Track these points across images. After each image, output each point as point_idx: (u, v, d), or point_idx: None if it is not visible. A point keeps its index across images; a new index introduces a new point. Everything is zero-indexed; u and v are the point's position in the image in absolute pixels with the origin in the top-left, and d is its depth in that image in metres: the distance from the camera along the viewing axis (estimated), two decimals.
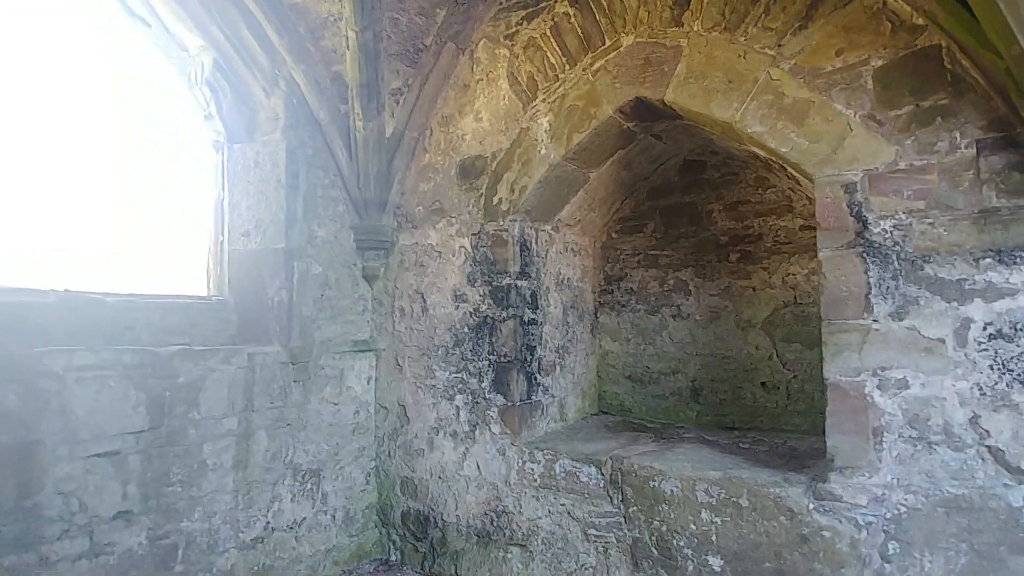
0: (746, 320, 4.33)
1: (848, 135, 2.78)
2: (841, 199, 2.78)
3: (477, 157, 4.11)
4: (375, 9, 3.73)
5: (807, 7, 2.90)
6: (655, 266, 4.74)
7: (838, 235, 2.78)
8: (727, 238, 4.42)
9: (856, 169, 2.75)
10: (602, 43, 3.54)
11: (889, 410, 2.63)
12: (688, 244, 4.58)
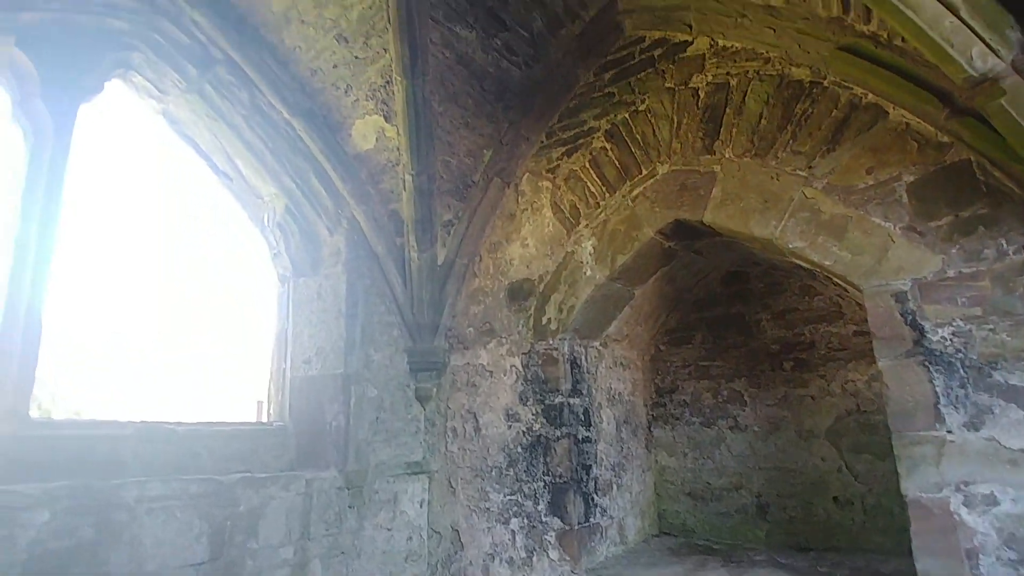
0: (808, 430, 4.19)
1: (890, 246, 2.85)
2: (893, 308, 2.80)
3: (525, 280, 4.32)
4: (429, 155, 4.15)
5: (832, 132, 3.11)
6: (707, 377, 4.70)
7: (895, 344, 2.77)
8: (778, 347, 4.39)
9: (904, 279, 2.79)
10: (639, 172, 3.82)
11: (981, 529, 2.46)
12: (738, 354, 4.56)
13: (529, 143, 4.41)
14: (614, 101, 4.02)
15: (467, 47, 3.91)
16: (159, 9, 3.88)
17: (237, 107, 4.28)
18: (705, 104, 3.56)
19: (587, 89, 4.18)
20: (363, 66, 4.00)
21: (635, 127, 3.87)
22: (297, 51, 4.06)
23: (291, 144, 4.42)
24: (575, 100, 4.23)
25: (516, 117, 4.35)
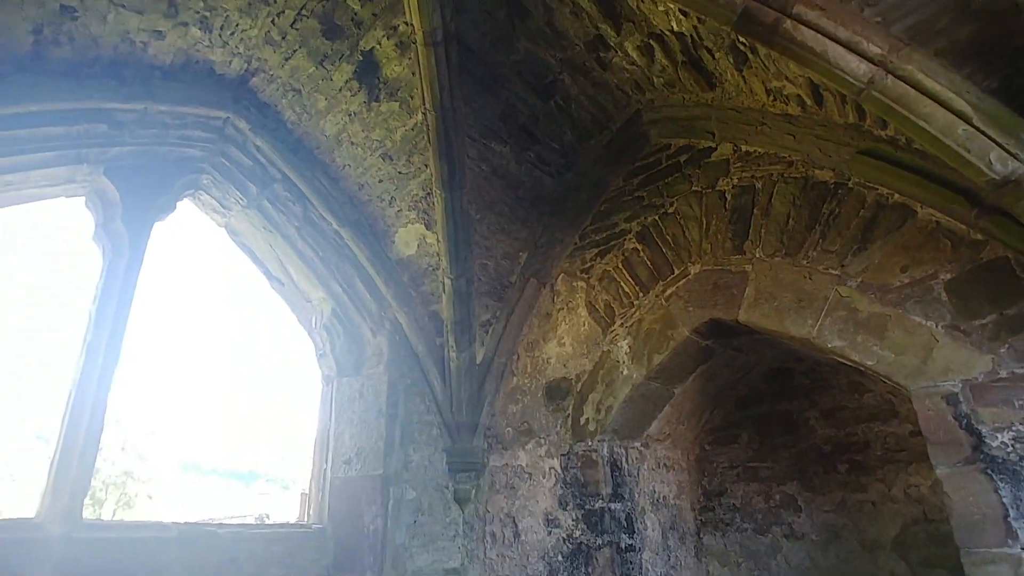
0: (872, 540, 3.88)
1: (934, 346, 2.77)
2: (945, 411, 2.68)
3: (562, 379, 4.33)
4: (467, 259, 4.35)
5: (862, 231, 3.12)
6: (756, 479, 4.47)
7: (952, 450, 2.62)
8: (830, 447, 4.18)
9: (953, 379, 2.69)
10: (671, 272, 3.88)
11: None
12: (788, 455, 4.35)
13: (563, 245, 4.57)
14: (644, 204, 4.17)
15: (502, 160, 4.19)
16: (227, 138, 4.34)
17: (291, 219, 4.63)
18: (733, 206, 3.66)
19: (617, 193, 4.36)
20: (406, 180, 4.32)
21: (665, 229, 3.98)
22: (346, 168, 4.43)
23: (339, 251, 4.71)
24: (606, 204, 4.41)
25: (550, 221, 4.54)
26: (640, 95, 3.97)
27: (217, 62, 3.91)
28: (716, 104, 3.66)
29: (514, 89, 3.92)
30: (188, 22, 3.55)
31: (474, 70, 3.74)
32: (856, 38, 2.45)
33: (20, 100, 3.44)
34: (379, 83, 3.90)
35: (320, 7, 3.54)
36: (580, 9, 3.38)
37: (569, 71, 3.85)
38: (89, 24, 3.34)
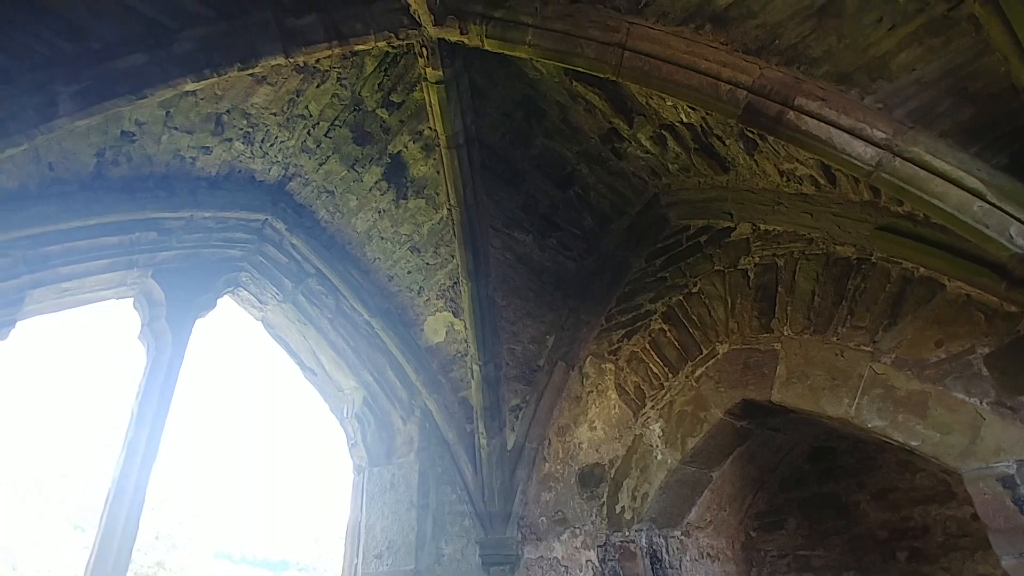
0: None
1: (981, 424, 2.65)
2: (1002, 495, 2.52)
3: (595, 465, 4.22)
4: (494, 345, 4.40)
5: (890, 306, 3.08)
6: (809, 569, 4.19)
7: (1016, 538, 2.45)
8: (886, 533, 3.92)
9: (1007, 460, 2.55)
10: (699, 352, 3.85)
11: None
12: (840, 541, 4.09)
13: (589, 327, 4.59)
14: (667, 285, 4.21)
15: (525, 248, 4.32)
16: (265, 238, 4.60)
17: (324, 312, 4.80)
18: (756, 284, 3.67)
19: (640, 275, 4.42)
20: (433, 271, 4.47)
21: (690, 309, 3.99)
22: (377, 262, 4.62)
23: (370, 341, 4.82)
24: (630, 286, 4.46)
25: (575, 304, 4.60)
26: (656, 180, 4.10)
27: (257, 170, 4.22)
28: (731, 186, 3.75)
29: (534, 181, 4.10)
30: (232, 138, 3.87)
31: (495, 166, 3.95)
32: (860, 124, 2.54)
33: (81, 215, 3.75)
34: (406, 182, 4.13)
35: (351, 117, 3.84)
36: (593, 107, 3.59)
37: (586, 162, 4.02)
38: (145, 145, 3.67)
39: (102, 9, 2.84)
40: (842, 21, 2.54)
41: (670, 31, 2.77)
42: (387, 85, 3.62)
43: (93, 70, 2.92)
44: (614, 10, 2.83)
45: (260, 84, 3.45)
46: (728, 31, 2.74)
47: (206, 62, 2.99)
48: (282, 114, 3.75)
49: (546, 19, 2.84)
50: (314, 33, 2.97)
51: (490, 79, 3.52)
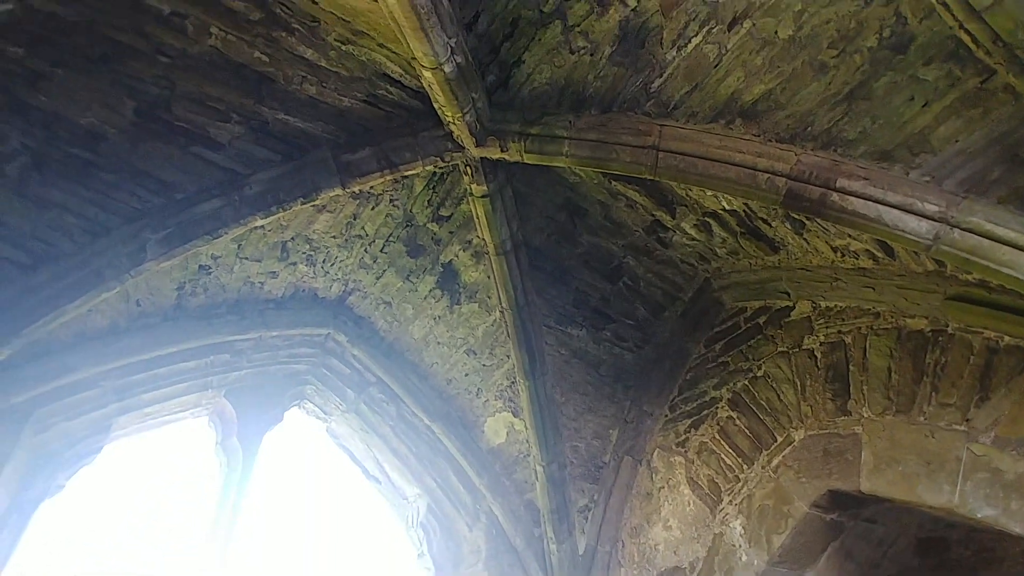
0: None
1: None
2: None
3: (675, 569, 3.94)
4: (557, 444, 4.31)
5: (979, 380, 2.87)
6: None
7: None
8: None
9: None
10: (773, 440, 3.65)
11: None
12: None
13: (653, 418, 4.45)
14: (730, 370, 4.07)
15: (580, 343, 4.32)
16: (328, 351, 4.79)
17: (386, 419, 4.86)
18: (825, 364, 3.51)
19: (701, 361, 4.31)
20: (490, 371, 4.51)
21: (758, 394, 3.83)
22: (434, 366, 4.70)
23: (431, 446, 4.82)
24: (691, 373, 4.35)
25: (636, 395, 4.49)
26: (706, 265, 4.09)
27: (319, 288, 4.48)
28: (784, 265, 3.69)
29: (583, 277, 4.17)
30: (296, 261, 4.16)
31: (543, 266, 4.05)
32: (909, 199, 2.50)
33: (163, 344, 4.04)
34: (459, 288, 4.28)
35: (404, 233, 4.07)
36: (634, 202, 3.68)
37: (632, 254, 4.08)
38: (219, 276, 3.99)
39: (187, 166, 3.22)
40: (872, 103, 2.58)
41: (701, 129, 2.87)
42: (436, 201, 3.85)
43: (177, 217, 3.27)
44: (645, 115, 2.97)
45: (320, 212, 3.74)
46: (759, 123, 2.81)
47: (273, 200, 3.30)
48: (341, 236, 4.02)
49: (580, 131, 3.01)
50: (368, 165, 3.25)
51: (532, 186, 3.70)
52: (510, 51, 2.95)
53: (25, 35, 2.86)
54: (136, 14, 2.85)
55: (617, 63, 2.90)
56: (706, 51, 2.74)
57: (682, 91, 2.87)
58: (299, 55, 3.03)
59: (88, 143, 3.15)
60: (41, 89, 3.00)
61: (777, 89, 2.72)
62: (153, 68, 3.00)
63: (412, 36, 2.50)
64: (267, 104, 3.18)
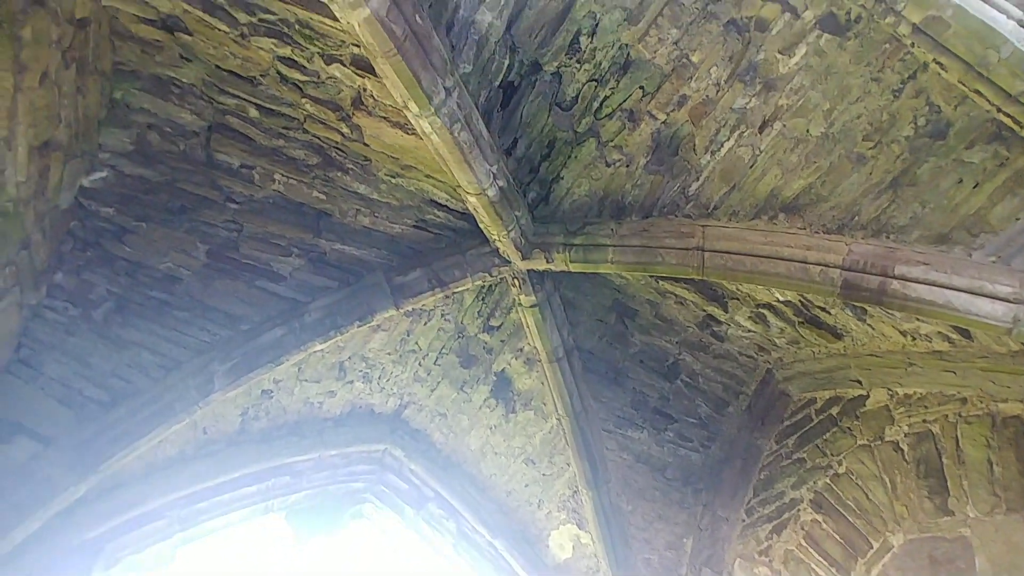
0: None
1: None
2: None
3: None
4: (627, 556, 4.04)
5: None
6: None
7: None
8: None
9: None
10: (868, 546, 3.31)
11: None
12: None
13: (729, 524, 4.13)
14: (808, 467, 3.80)
15: (642, 446, 4.15)
16: (386, 466, 4.74)
17: (446, 536, 4.69)
18: (914, 458, 3.24)
19: (774, 458, 4.05)
20: (551, 481, 4.35)
21: (843, 493, 3.53)
22: (493, 478, 4.57)
23: (495, 563, 4.59)
24: (765, 472, 4.07)
25: (708, 499, 4.22)
26: (766, 356, 3.95)
27: (376, 404, 4.52)
28: (851, 352, 3.53)
29: (638, 377, 4.08)
30: (353, 379, 4.24)
31: (597, 369, 4.00)
32: (977, 282, 2.39)
33: (227, 470, 4.10)
34: (513, 396, 4.24)
35: (456, 345, 4.12)
36: (683, 300, 3.65)
37: (688, 350, 3.99)
38: (281, 399, 4.09)
39: (252, 298, 3.42)
40: (919, 189, 2.55)
41: (745, 226, 2.88)
42: (486, 312, 3.92)
43: (242, 347, 3.42)
44: (686, 217, 3.02)
45: (376, 332, 3.85)
46: (803, 216, 2.81)
47: (331, 324, 3.43)
48: (395, 352, 4.11)
49: (623, 237, 3.06)
50: (419, 285, 3.37)
51: (579, 291, 3.73)
52: (548, 169, 3.10)
53: (115, 196, 3.20)
54: (210, 169, 3.18)
55: (653, 171, 3.00)
56: (740, 153, 2.81)
57: (721, 192, 2.92)
58: (353, 191, 3.27)
59: (165, 285, 3.41)
60: (127, 241, 3.31)
61: (817, 183, 2.74)
62: (223, 214, 3.29)
63: (456, 168, 2.68)
64: (324, 236, 3.40)
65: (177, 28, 2.60)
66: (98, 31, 2.60)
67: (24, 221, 2.82)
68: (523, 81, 2.79)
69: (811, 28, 2.43)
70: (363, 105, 2.78)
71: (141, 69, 2.85)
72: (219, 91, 2.87)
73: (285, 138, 3.06)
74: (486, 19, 2.42)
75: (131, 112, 3.00)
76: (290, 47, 2.55)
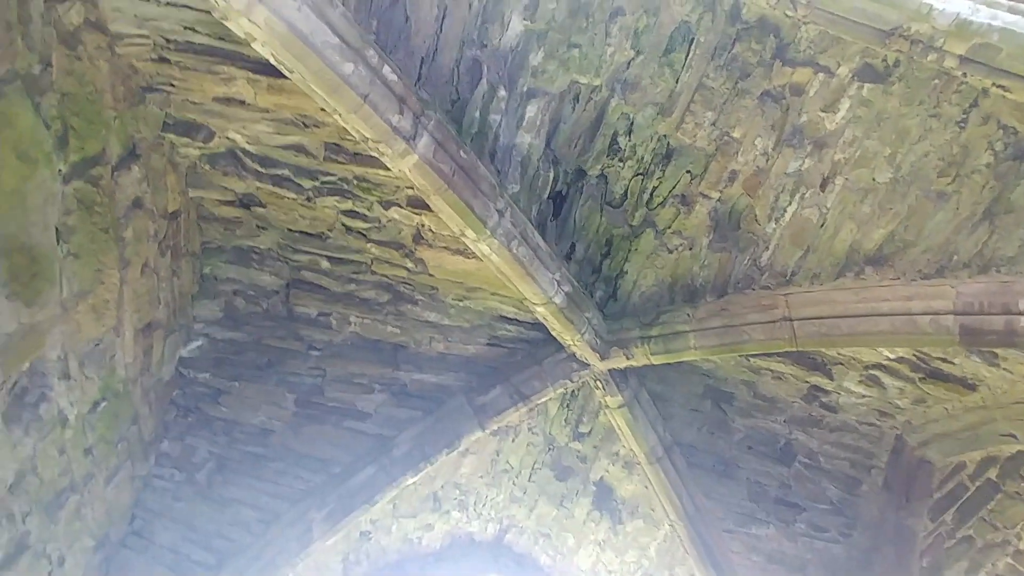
0: None
1: None
2: None
3: None
4: None
5: None
6: None
7: None
8: None
9: None
10: None
11: None
12: None
13: None
14: (979, 546, 3.26)
15: (771, 543, 3.70)
16: None
17: None
18: None
19: (934, 540, 3.49)
20: None
21: None
22: None
23: None
24: (927, 558, 3.50)
25: None
26: (891, 420, 3.54)
27: (475, 532, 4.33)
28: (991, 403, 3.11)
29: (750, 466, 3.73)
30: (449, 509, 4.11)
31: (703, 463, 3.69)
32: None
33: None
34: (617, 505, 3.96)
35: (548, 457, 3.96)
36: (781, 374, 3.40)
37: (799, 428, 3.64)
38: (379, 539, 4.00)
39: (340, 440, 3.46)
40: (1019, 215, 2.34)
41: (830, 287, 2.70)
42: (573, 419, 3.78)
43: (336, 491, 3.41)
44: (764, 289, 2.87)
45: (465, 456, 3.77)
46: (893, 266, 2.61)
47: (420, 455, 3.39)
48: (487, 475, 3.98)
49: (701, 320, 2.94)
50: (501, 402, 3.32)
51: (667, 383, 3.55)
52: (611, 266, 3.08)
53: (210, 361, 3.43)
54: (291, 322, 3.37)
55: (718, 249, 2.91)
56: (806, 215, 2.70)
57: (795, 257, 2.78)
58: (425, 320, 3.36)
59: (260, 439, 3.51)
60: (222, 402, 3.48)
61: (900, 229, 2.57)
62: (307, 362, 3.43)
63: (520, 283, 2.71)
64: (403, 368, 3.45)
65: (253, 203, 2.88)
66: (187, 219, 2.92)
67: (133, 398, 3.03)
68: (571, 188, 2.86)
69: (849, 82, 2.40)
70: (423, 239, 2.91)
71: (225, 244, 3.15)
72: (293, 250, 3.11)
73: (356, 282, 3.23)
74: (526, 140, 2.54)
75: (219, 283, 3.28)
76: (351, 200, 2.76)
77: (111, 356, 2.68)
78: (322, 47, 1.75)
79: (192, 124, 2.53)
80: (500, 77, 2.32)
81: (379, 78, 1.93)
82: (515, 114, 2.43)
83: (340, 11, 1.79)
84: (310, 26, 1.70)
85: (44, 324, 2.15)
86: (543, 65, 2.37)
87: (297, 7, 1.66)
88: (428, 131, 2.11)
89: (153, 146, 2.49)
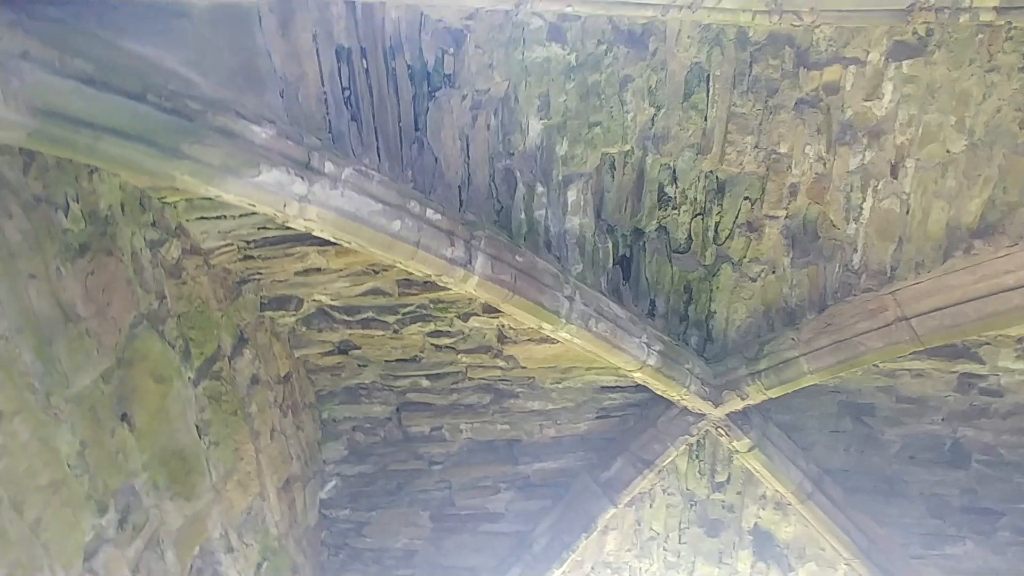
0: None
1: None
2: None
3: None
4: None
5: None
6: None
7: None
8: None
9: None
10: None
11: None
12: None
13: None
14: None
15: (974, 561, 3.26)
16: None
17: None
18: None
19: None
20: None
21: None
22: None
23: None
24: None
25: None
26: None
27: None
28: None
29: (917, 476, 3.35)
30: None
31: (862, 487, 3.36)
32: None
33: None
34: (782, 551, 3.66)
35: (692, 514, 3.74)
36: (920, 371, 3.09)
37: (962, 422, 3.26)
38: None
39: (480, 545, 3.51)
40: None
41: (940, 273, 2.48)
42: (707, 469, 3.59)
43: None
44: (866, 292, 2.68)
45: (605, 534, 3.66)
46: (1004, 233, 2.37)
47: (560, 545, 3.35)
48: (634, 547, 3.83)
49: (808, 341, 2.77)
50: (626, 474, 3.24)
51: (794, 411, 3.32)
52: (698, 310, 3.00)
53: (346, 498, 3.62)
54: (408, 443, 3.52)
55: (803, 264, 2.77)
56: (886, 206, 2.53)
57: (889, 251, 2.60)
58: (530, 410, 3.40)
59: (406, 561, 3.62)
60: (366, 533, 3.64)
61: (998, 192, 2.35)
62: (432, 478, 3.54)
63: (609, 355, 2.70)
64: (522, 462, 3.48)
65: (349, 347, 3.13)
66: (298, 376, 3.20)
67: (288, 551, 3.24)
68: (633, 249, 2.86)
69: (885, 65, 2.28)
70: (507, 337, 3.00)
71: (335, 388, 3.39)
72: (394, 378, 3.30)
73: (457, 391, 3.35)
74: (575, 222, 2.60)
75: (338, 424, 3.51)
76: (432, 322, 2.93)
77: (262, 519, 2.91)
78: (369, 217, 1.95)
79: (283, 298, 2.85)
80: (534, 176, 2.42)
81: (425, 222, 2.11)
82: (558, 203, 2.51)
83: (377, 179, 1.99)
84: (354, 204, 1.91)
85: (203, 511, 2.40)
86: (571, 151, 2.45)
87: (340, 193, 1.87)
88: (481, 250, 2.24)
89: (256, 326, 2.80)
